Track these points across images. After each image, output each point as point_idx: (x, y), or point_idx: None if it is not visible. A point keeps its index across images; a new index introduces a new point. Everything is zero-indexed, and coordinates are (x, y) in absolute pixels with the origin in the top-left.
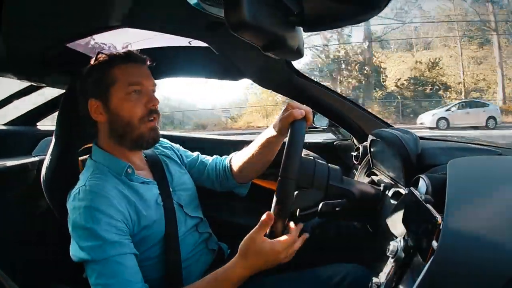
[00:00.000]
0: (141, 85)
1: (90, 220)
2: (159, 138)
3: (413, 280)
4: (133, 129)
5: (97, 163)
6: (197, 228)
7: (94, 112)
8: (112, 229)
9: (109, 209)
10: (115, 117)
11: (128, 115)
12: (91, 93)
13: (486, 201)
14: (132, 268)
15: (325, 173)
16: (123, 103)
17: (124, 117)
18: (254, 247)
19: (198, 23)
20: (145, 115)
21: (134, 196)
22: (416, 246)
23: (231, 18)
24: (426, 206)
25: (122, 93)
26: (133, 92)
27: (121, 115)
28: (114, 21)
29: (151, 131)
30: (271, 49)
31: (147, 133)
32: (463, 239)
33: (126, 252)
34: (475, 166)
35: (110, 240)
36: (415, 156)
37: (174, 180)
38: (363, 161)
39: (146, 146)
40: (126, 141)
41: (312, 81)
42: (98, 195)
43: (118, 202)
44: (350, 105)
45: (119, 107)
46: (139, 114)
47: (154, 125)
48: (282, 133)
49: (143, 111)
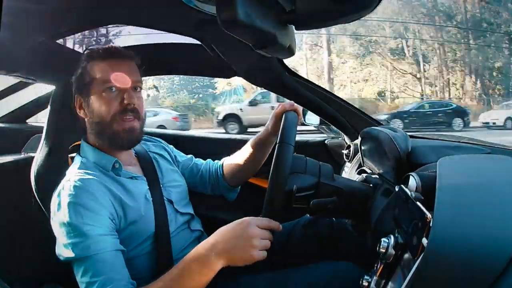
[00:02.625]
0: (117, 82)
1: (74, 216)
2: (138, 139)
3: (403, 276)
4: (106, 126)
5: (84, 159)
6: (189, 225)
7: (78, 107)
8: (97, 225)
9: (94, 204)
10: (92, 112)
11: (100, 112)
12: (76, 89)
13: (476, 199)
14: (118, 265)
15: (317, 167)
16: (98, 100)
17: (99, 113)
18: (226, 226)
19: (190, 20)
20: (118, 113)
21: (121, 191)
22: (406, 243)
23: (223, 15)
24: (416, 204)
25: (99, 90)
26: (108, 89)
27: (95, 112)
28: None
29: (127, 131)
30: (262, 47)
31: (122, 132)
32: (453, 236)
33: (112, 249)
34: (465, 164)
35: (95, 236)
36: (405, 154)
37: (164, 176)
38: (354, 159)
39: (123, 145)
40: (103, 139)
41: (304, 79)
42: (83, 190)
43: (102, 197)
44: (341, 103)
45: (95, 104)
46: (112, 112)
47: (131, 125)
48: (275, 130)
49: (117, 108)
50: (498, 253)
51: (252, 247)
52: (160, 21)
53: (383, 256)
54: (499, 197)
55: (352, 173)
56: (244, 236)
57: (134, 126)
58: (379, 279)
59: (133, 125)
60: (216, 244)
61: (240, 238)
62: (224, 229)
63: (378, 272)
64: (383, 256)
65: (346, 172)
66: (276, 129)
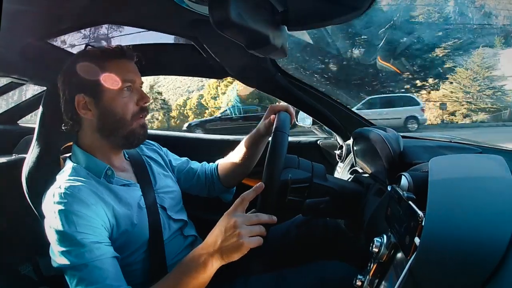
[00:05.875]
0: (132, 82)
1: (66, 224)
2: (147, 134)
3: (396, 276)
4: (125, 125)
5: (75, 164)
6: (182, 231)
7: (82, 108)
8: (90, 233)
9: (86, 212)
10: (107, 113)
11: (121, 111)
12: (79, 88)
13: (467, 198)
14: (114, 272)
15: (309, 167)
16: (116, 100)
17: (117, 113)
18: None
19: (183, 20)
20: (137, 112)
21: (113, 199)
22: (399, 242)
23: (215, 16)
24: (409, 203)
25: (113, 90)
26: (126, 88)
27: (114, 111)
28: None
29: (142, 127)
30: (255, 47)
31: (138, 130)
32: (445, 234)
33: (106, 256)
34: (456, 163)
35: (88, 244)
36: (398, 154)
37: (157, 182)
38: (346, 159)
39: (136, 143)
40: (116, 137)
41: (296, 79)
42: (74, 198)
43: (94, 206)
44: (334, 103)
45: (112, 103)
46: (131, 111)
47: (144, 121)
48: (267, 129)
49: (135, 108)
50: (490, 251)
51: (239, 235)
52: (152, 21)
53: (376, 255)
54: (491, 196)
55: (344, 173)
56: (227, 227)
57: (145, 123)
58: (373, 278)
59: (145, 121)
60: (207, 245)
61: (227, 230)
62: (212, 230)
63: (372, 272)
64: (376, 256)
65: (339, 172)
66: (267, 128)
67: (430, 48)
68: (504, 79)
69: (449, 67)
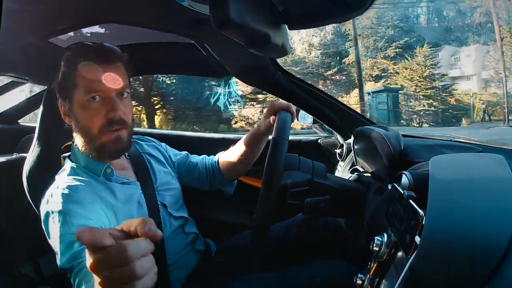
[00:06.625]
0: (102, 92)
1: (63, 225)
2: (127, 148)
3: (397, 274)
4: (93, 139)
5: (74, 164)
6: (183, 228)
7: (63, 113)
8: None
9: (83, 212)
10: (77, 124)
11: (86, 124)
12: (59, 94)
13: (468, 197)
14: None
15: (310, 166)
16: (82, 111)
17: (84, 125)
18: None
19: (183, 19)
20: (105, 125)
21: (112, 197)
22: (399, 241)
23: (216, 15)
24: (409, 202)
25: (82, 98)
26: (92, 98)
27: (80, 122)
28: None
29: (114, 142)
30: (255, 46)
31: (109, 144)
32: (446, 233)
33: None
34: (457, 162)
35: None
36: (398, 153)
37: (157, 180)
38: (347, 158)
39: (109, 156)
40: (89, 149)
41: (297, 78)
42: (71, 199)
43: (92, 205)
44: (334, 102)
45: (79, 113)
46: (98, 124)
47: (118, 135)
48: (268, 128)
49: (103, 121)
50: (491, 250)
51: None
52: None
53: (377, 254)
54: (491, 195)
55: (345, 172)
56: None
57: (121, 135)
58: (373, 277)
59: (120, 134)
60: None
61: None
62: None
63: (372, 270)
64: (377, 254)
65: (339, 171)
66: (267, 127)
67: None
68: (463, 79)
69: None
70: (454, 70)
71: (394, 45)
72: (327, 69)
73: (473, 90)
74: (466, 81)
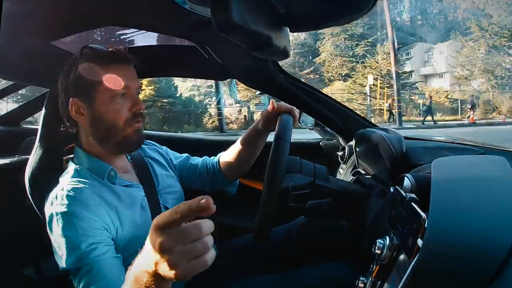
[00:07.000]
0: (127, 88)
1: (67, 226)
2: (143, 140)
3: (399, 277)
4: (117, 132)
5: (78, 166)
6: None
7: (75, 112)
8: (90, 234)
9: (87, 214)
10: (99, 118)
11: (112, 118)
12: (73, 92)
13: (470, 199)
14: (115, 272)
15: (311, 168)
16: (108, 106)
17: (109, 119)
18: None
19: (185, 22)
20: (130, 119)
21: (116, 200)
22: (401, 244)
23: (218, 17)
24: (411, 205)
25: (107, 95)
26: (118, 95)
27: (105, 117)
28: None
29: (136, 133)
30: (257, 49)
31: (132, 135)
32: (448, 236)
33: (108, 256)
34: (459, 165)
35: (90, 246)
36: (400, 155)
37: (160, 183)
38: (348, 160)
39: (130, 149)
40: (109, 143)
41: (298, 80)
42: (76, 201)
43: (96, 207)
44: (336, 105)
45: (104, 109)
46: (123, 118)
47: (139, 126)
48: (268, 127)
49: (128, 114)
50: (493, 253)
51: (173, 264)
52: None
53: (379, 257)
54: (493, 197)
55: (347, 174)
56: (154, 252)
57: (141, 128)
58: (375, 280)
59: (140, 126)
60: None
61: (155, 255)
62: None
63: (374, 273)
64: (379, 257)
65: (341, 173)
66: (265, 126)
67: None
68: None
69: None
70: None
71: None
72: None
73: None
74: None
